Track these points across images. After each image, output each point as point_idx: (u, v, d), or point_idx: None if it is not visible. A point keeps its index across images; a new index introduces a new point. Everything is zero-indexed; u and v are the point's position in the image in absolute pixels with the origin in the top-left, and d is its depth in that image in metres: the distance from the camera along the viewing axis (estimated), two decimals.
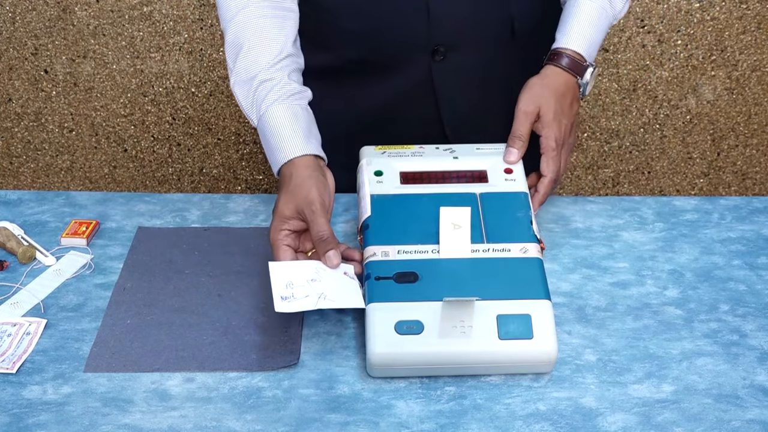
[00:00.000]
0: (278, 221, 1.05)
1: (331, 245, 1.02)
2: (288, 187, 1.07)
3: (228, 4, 1.17)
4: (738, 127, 2.24)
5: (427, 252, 1.03)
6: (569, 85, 1.18)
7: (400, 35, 1.22)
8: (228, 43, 1.17)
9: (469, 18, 1.22)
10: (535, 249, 1.04)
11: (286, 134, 1.10)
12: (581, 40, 1.18)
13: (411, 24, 1.21)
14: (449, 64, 1.24)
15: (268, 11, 1.16)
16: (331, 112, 1.25)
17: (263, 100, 1.12)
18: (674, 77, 2.17)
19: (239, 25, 1.15)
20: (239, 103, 1.16)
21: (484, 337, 0.96)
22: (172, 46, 2.15)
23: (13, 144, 2.29)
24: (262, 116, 1.12)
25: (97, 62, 2.16)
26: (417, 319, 0.96)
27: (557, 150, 1.15)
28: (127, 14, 2.10)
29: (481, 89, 1.28)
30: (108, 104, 2.22)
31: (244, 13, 1.15)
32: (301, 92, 1.15)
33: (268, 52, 1.14)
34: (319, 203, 1.04)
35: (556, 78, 1.17)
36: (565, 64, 1.18)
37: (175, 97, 2.20)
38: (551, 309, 0.98)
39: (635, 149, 2.26)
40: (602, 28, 1.20)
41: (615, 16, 1.23)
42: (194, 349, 1.01)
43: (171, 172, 2.31)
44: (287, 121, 1.11)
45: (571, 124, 1.18)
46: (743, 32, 2.11)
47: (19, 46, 2.15)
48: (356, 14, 1.22)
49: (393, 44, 1.23)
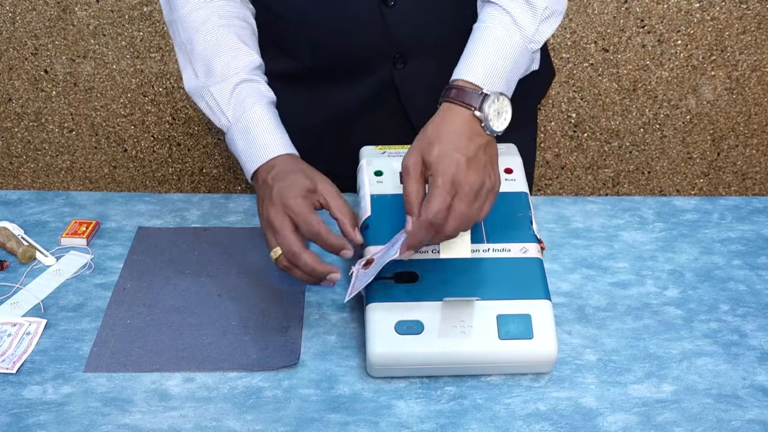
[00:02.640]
0: (299, 189, 1.02)
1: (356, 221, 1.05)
2: (300, 166, 1.06)
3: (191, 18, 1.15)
4: (738, 127, 2.24)
5: (427, 252, 1.03)
6: (463, 119, 0.99)
7: (357, 45, 1.20)
8: (196, 53, 1.14)
9: (427, 25, 1.19)
10: (535, 249, 1.04)
11: (276, 131, 1.09)
12: (474, 69, 1.03)
13: (368, 35, 1.19)
14: (411, 70, 1.22)
15: (233, 22, 1.16)
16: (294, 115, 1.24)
17: (245, 99, 1.11)
18: (674, 77, 2.17)
19: (208, 34, 1.14)
20: (206, 104, 1.13)
21: (484, 337, 0.96)
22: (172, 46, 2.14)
23: (13, 144, 2.29)
24: (245, 113, 1.10)
25: (97, 62, 2.16)
26: (417, 319, 0.96)
27: (444, 187, 0.94)
28: (127, 14, 2.10)
29: None
30: (108, 104, 2.21)
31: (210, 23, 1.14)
32: (275, 102, 1.15)
33: (243, 58, 1.14)
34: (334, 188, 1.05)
35: (445, 116, 1.00)
36: (455, 96, 1.01)
37: (175, 97, 2.20)
38: (551, 309, 0.98)
39: (635, 149, 2.26)
40: (506, 53, 1.05)
41: (527, 38, 1.07)
42: (194, 349, 1.01)
43: (171, 172, 2.31)
44: (274, 122, 1.10)
45: (470, 159, 0.97)
46: (743, 32, 2.11)
47: (19, 46, 2.15)
48: (313, 25, 1.20)
49: (351, 54, 1.21)
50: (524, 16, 1.07)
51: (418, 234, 0.95)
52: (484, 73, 1.03)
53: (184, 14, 1.16)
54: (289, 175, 1.04)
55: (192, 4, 1.15)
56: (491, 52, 1.04)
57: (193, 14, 1.15)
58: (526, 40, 1.07)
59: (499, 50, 1.05)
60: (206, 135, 2.25)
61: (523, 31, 1.07)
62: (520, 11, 1.07)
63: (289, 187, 1.03)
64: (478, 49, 1.05)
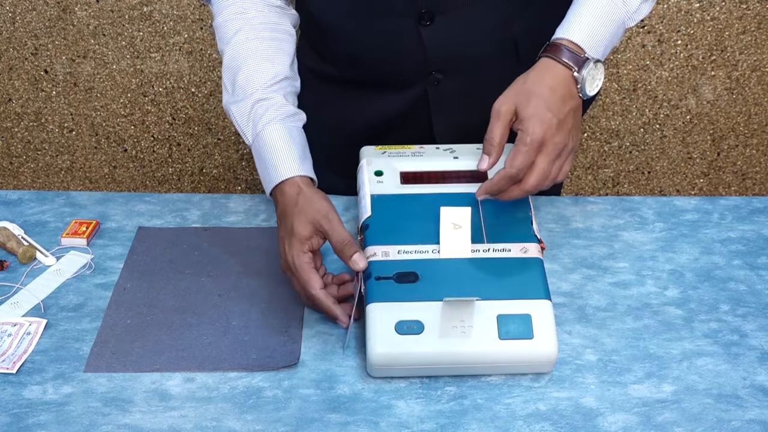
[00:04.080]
0: (298, 244, 1.03)
1: (355, 248, 1.01)
2: (297, 205, 1.04)
3: (225, 28, 1.16)
4: (738, 127, 2.24)
5: (427, 252, 1.03)
6: (561, 78, 1.03)
7: (393, 62, 1.21)
8: (225, 65, 1.16)
9: (466, 44, 1.20)
10: (535, 249, 1.04)
11: (284, 154, 1.09)
12: (580, 30, 1.05)
13: (404, 52, 1.20)
14: (445, 86, 1.23)
15: (265, 33, 1.16)
16: (330, 117, 1.25)
17: (260, 119, 1.11)
18: (674, 77, 2.17)
19: (236, 47, 1.14)
20: (234, 121, 1.15)
21: (484, 337, 0.96)
22: (172, 46, 2.15)
23: (13, 144, 2.29)
24: (258, 135, 1.11)
25: (97, 62, 2.16)
26: (417, 319, 0.96)
27: (531, 146, 0.99)
28: (127, 14, 2.10)
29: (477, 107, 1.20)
30: (108, 104, 2.22)
31: (240, 35, 1.15)
32: (297, 114, 1.14)
33: (264, 72, 1.13)
34: (333, 212, 1.03)
35: (545, 71, 1.03)
36: (556, 54, 1.04)
37: (175, 97, 2.20)
38: (551, 309, 0.98)
39: (635, 149, 2.26)
40: (610, 22, 1.07)
41: (629, 12, 1.09)
42: (194, 349, 1.01)
43: (171, 172, 2.31)
44: (285, 142, 1.09)
45: (561, 121, 1.02)
46: (743, 32, 2.11)
47: (19, 46, 2.15)
48: (350, 40, 1.21)
49: (387, 70, 1.22)
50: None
51: (499, 183, 1.00)
52: (589, 37, 1.05)
53: (220, 23, 1.17)
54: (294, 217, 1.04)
55: (226, 13, 1.16)
56: (598, 17, 1.06)
57: (227, 24, 1.16)
58: (627, 14, 1.09)
59: (605, 17, 1.06)
60: (206, 135, 2.25)
61: (627, 5, 1.09)
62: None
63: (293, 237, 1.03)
64: (585, 11, 1.06)
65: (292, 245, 1.03)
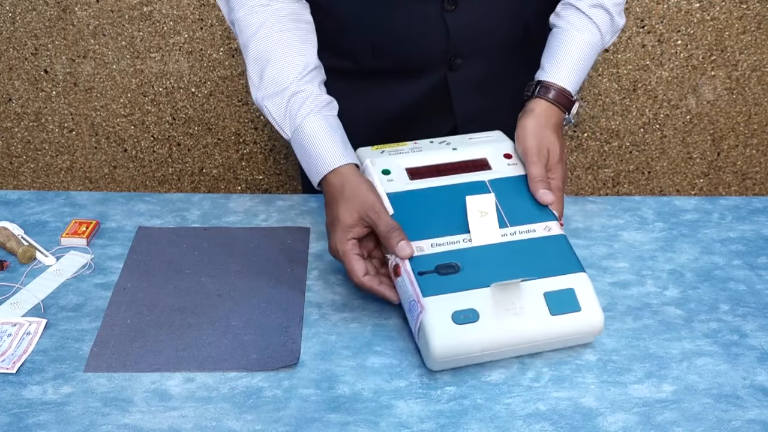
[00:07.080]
0: (343, 231, 1.05)
1: (402, 235, 1.02)
2: (343, 195, 1.06)
3: (248, 21, 1.16)
4: (738, 127, 2.24)
5: (459, 242, 1.04)
6: (560, 120, 1.17)
7: (416, 48, 1.22)
8: (251, 59, 1.15)
9: (486, 28, 1.22)
10: (556, 226, 1.07)
11: (327, 144, 1.10)
12: (571, 76, 1.17)
13: (427, 38, 1.21)
14: (465, 72, 1.25)
15: (290, 24, 1.16)
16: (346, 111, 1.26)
17: (298, 112, 1.12)
18: (674, 77, 2.17)
19: (263, 39, 1.14)
20: (269, 116, 1.15)
21: (536, 315, 0.98)
22: (172, 46, 2.14)
23: (13, 144, 2.29)
24: (298, 127, 1.11)
25: (97, 62, 2.16)
26: (471, 307, 0.97)
27: (563, 190, 1.13)
28: (127, 14, 2.10)
29: (495, 91, 1.29)
30: (108, 104, 2.21)
31: (266, 28, 1.14)
32: (331, 102, 1.15)
33: (295, 64, 1.14)
34: (379, 203, 1.05)
35: (552, 115, 1.16)
36: (554, 98, 1.16)
37: (175, 97, 2.20)
38: (589, 280, 1.01)
39: (635, 149, 2.26)
40: (591, 63, 1.19)
41: (603, 47, 1.22)
42: (194, 349, 1.01)
43: (171, 172, 2.31)
44: (326, 132, 1.10)
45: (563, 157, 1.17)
46: (743, 32, 2.11)
47: (19, 46, 2.15)
48: (373, 28, 1.22)
49: (409, 56, 1.24)
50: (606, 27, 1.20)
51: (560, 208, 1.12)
52: (576, 81, 1.18)
53: (241, 16, 1.16)
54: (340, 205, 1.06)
55: (248, 7, 1.15)
56: (584, 59, 1.18)
57: (250, 17, 1.15)
58: (601, 48, 1.21)
59: (588, 59, 1.19)
60: (206, 135, 2.25)
61: (604, 41, 1.21)
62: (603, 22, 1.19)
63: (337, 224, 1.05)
64: (574, 55, 1.17)
65: (336, 232, 1.05)
